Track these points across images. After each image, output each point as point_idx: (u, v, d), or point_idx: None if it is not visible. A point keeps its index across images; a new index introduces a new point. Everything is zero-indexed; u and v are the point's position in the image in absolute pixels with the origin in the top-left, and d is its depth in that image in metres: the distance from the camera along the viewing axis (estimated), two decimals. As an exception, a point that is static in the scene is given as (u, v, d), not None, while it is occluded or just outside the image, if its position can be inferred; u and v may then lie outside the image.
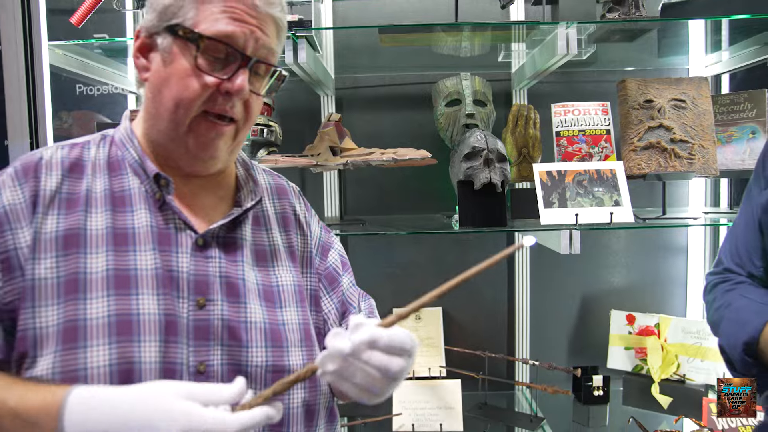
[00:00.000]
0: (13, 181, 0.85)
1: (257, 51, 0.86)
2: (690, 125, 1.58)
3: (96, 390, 0.72)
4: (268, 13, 0.86)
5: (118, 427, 0.69)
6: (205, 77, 0.83)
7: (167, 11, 0.85)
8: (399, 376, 0.79)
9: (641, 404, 1.89)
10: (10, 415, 0.72)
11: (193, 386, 0.72)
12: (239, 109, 0.87)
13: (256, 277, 0.92)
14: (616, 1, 1.50)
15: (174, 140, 0.86)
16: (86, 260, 0.82)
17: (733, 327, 1.04)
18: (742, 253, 1.10)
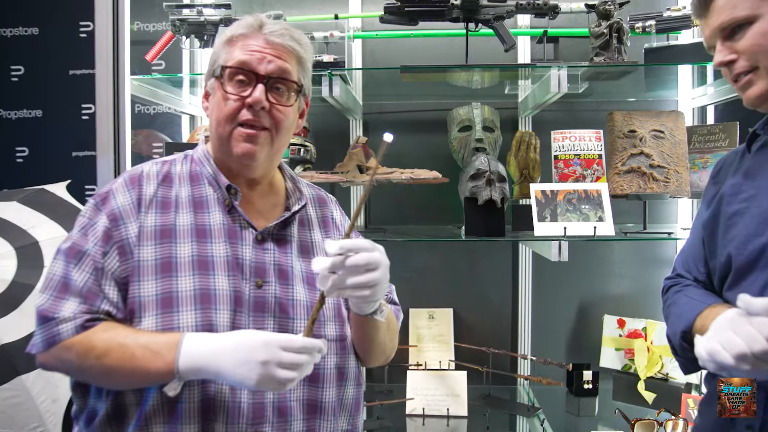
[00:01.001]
0: (124, 188, 1.15)
1: (270, 71, 1.12)
2: (667, 153, 1.83)
3: (201, 333, 1.02)
4: (278, 43, 1.13)
5: (219, 348, 0.98)
6: (232, 97, 1.11)
7: (212, 65, 1.16)
8: (378, 268, 1.01)
9: (628, 399, 2.10)
10: (141, 348, 1.00)
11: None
12: (266, 118, 1.13)
13: (301, 266, 1.19)
14: (602, 47, 1.76)
15: (225, 151, 1.14)
16: (176, 248, 1.11)
17: (675, 319, 1.23)
18: (689, 262, 1.28)
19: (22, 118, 2.77)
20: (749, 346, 0.91)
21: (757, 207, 1.10)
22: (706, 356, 0.97)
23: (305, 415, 1.12)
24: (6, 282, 1.88)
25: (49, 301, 1.06)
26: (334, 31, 1.98)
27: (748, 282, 1.09)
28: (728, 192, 1.18)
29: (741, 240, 1.11)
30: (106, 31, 1.78)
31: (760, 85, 1.07)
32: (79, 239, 1.09)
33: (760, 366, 0.91)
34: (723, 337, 0.94)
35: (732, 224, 1.15)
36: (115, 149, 1.69)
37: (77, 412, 1.13)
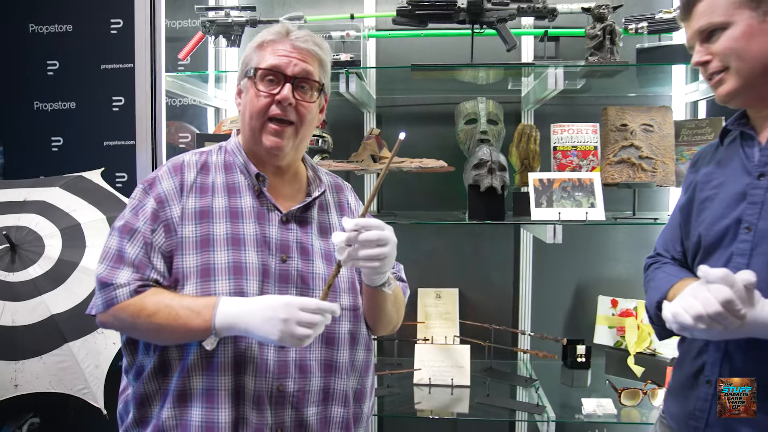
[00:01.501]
0: (168, 175, 1.33)
1: (296, 72, 1.29)
2: (655, 145, 1.99)
3: (233, 297, 1.20)
4: (303, 47, 1.31)
5: (249, 309, 1.16)
6: (263, 94, 1.29)
7: (245, 67, 1.34)
8: (388, 244, 1.19)
9: (619, 373, 2.26)
10: (184, 308, 1.19)
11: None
12: (293, 113, 1.30)
13: (320, 244, 1.37)
14: (596, 47, 1.91)
15: (256, 142, 1.31)
16: (213, 227, 1.29)
17: (652, 292, 1.36)
18: (668, 242, 1.44)
19: (57, 110, 2.92)
20: (705, 308, 1.06)
21: (725, 193, 1.26)
22: (671, 318, 1.13)
23: (322, 373, 1.30)
24: (53, 260, 2.08)
25: (107, 270, 1.25)
26: (351, 31, 2.14)
27: (714, 258, 1.25)
28: (701, 180, 1.34)
29: (709, 222, 1.27)
30: (144, 30, 1.94)
31: (730, 84, 1.21)
32: (131, 218, 1.28)
33: (714, 326, 1.07)
34: (685, 302, 1.11)
35: (703, 208, 1.30)
36: (152, 140, 1.88)
37: (127, 367, 1.31)
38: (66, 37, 2.89)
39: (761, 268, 1.15)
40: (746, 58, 1.18)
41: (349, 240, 1.18)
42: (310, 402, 1.28)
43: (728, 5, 1.18)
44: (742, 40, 1.18)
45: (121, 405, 1.34)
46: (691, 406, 1.27)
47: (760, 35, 1.17)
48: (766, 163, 1.21)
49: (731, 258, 1.21)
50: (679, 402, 1.32)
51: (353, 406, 1.35)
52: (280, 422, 1.25)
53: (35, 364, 1.98)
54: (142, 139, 1.89)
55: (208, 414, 1.21)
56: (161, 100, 1.92)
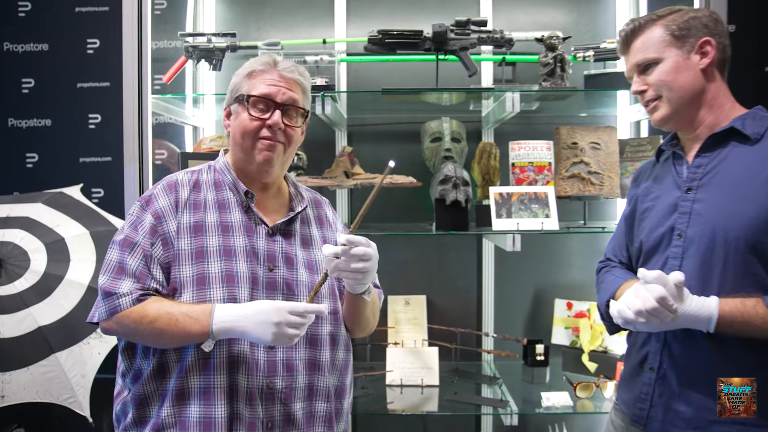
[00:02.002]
0: (164, 193, 1.45)
1: (284, 100, 1.45)
2: (602, 161, 2.21)
3: (228, 304, 1.33)
4: (290, 77, 1.46)
5: (243, 314, 1.29)
6: (255, 119, 1.42)
7: (234, 91, 1.47)
8: (370, 260, 1.35)
9: (575, 369, 2.46)
10: (183, 315, 1.31)
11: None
12: (281, 135, 1.44)
13: (303, 254, 1.51)
14: (549, 74, 2.12)
15: (247, 159, 1.45)
16: (206, 240, 1.41)
17: (602, 292, 1.53)
18: (615, 248, 1.62)
19: (32, 127, 2.97)
20: (643, 304, 1.25)
21: (660, 205, 1.46)
22: (616, 314, 1.32)
23: (307, 371, 1.43)
24: (39, 273, 2.16)
25: (109, 280, 1.36)
26: (324, 56, 2.30)
27: (653, 261, 1.44)
28: (642, 193, 1.54)
29: (648, 230, 1.47)
30: (132, 52, 2.05)
31: (663, 110, 1.42)
32: (130, 233, 1.40)
33: (652, 319, 1.26)
34: (627, 300, 1.29)
35: (643, 218, 1.50)
36: (139, 159, 1.99)
37: (125, 371, 1.42)
38: (42, 55, 2.95)
39: (691, 269, 1.34)
40: (675, 88, 1.38)
41: (337, 253, 1.33)
42: (296, 398, 1.41)
43: (659, 44, 1.39)
44: (671, 73, 1.38)
45: (118, 407, 1.44)
46: (638, 391, 1.44)
47: (686, 69, 1.38)
48: (692, 179, 1.40)
49: (667, 261, 1.40)
50: (628, 388, 1.50)
51: (335, 401, 1.49)
52: (270, 416, 1.38)
53: (22, 375, 2.05)
54: (129, 159, 2.00)
55: (205, 410, 1.33)
56: (148, 119, 2.03)
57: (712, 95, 1.40)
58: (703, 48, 1.38)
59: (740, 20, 2.54)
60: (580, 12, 2.69)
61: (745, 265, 1.30)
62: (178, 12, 2.69)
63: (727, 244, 1.31)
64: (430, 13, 2.66)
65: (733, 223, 1.31)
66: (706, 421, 1.32)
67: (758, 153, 1.34)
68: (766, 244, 1.28)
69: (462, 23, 2.12)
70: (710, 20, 1.40)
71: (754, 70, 2.68)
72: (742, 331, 1.27)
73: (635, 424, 1.45)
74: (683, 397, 1.36)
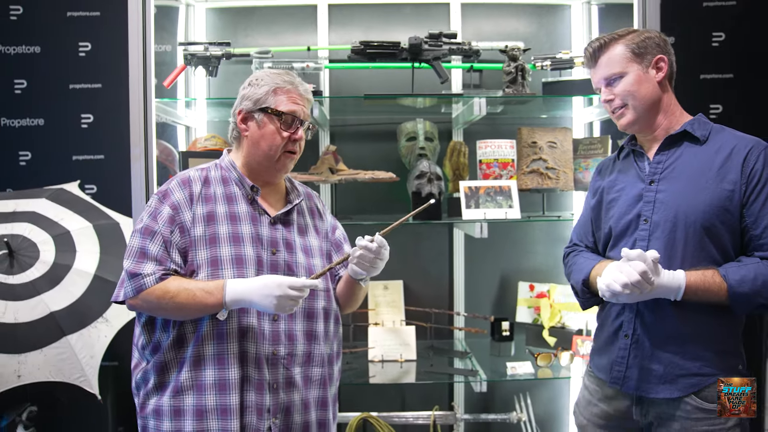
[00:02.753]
0: (179, 187, 1.67)
1: (305, 117, 1.70)
2: (558, 158, 2.50)
3: (237, 279, 1.56)
4: (306, 98, 1.72)
5: (251, 287, 1.52)
6: (284, 133, 1.67)
7: (259, 101, 1.67)
8: (385, 259, 1.66)
9: (537, 344, 2.74)
10: (199, 290, 1.53)
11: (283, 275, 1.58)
12: (298, 148, 1.71)
13: (300, 240, 1.74)
14: (511, 81, 2.40)
15: (268, 167, 1.68)
16: (218, 228, 1.63)
17: (576, 273, 1.73)
18: (581, 234, 1.83)
19: (25, 126, 3.08)
20: (629, 278, 1.44)
21: (626, 195, 1.68)
22: (604, 288, 1.50)
23: (305, 340, 1.67)
24: (48, 263, 2.35)
25: (133, 264, 1.58)
26: (310, 62, 2.53)
27: (622, 243, 1.65)
28: (607, 186, 1.75)
29: (617, 216, 1.68)
30: (138, 57, 2.21)
31: (628, 117, 1.66)
32: (150, 222, 1.61)
33: (635, 291, 1.46)
34: (614, 275, 1.49)
35: (610, 207, 1.71)
36: (144, 156, 2.20)
37: (144, 344, 1.63)
38: (34, 57, 3.06)
39: (658, 248, 1.55)
40: (638, 98, 1.63)
41: (366, 247, 1.62)
42: (296, 363, 1.65)
43: (622, 60, 1.63)
44: (635, 85, 1.62)
45: (138, 376, 1.65)
46: (614, 356, 1.66)
47: (645, 82, 1.62)
48: (654, 173, 1.63)
49: (635, 243, 1.62)
50: (604, 355, 1.71)
51: (327, 367, 1.73)
52: (274, 379, 1.62)
53: (37, 357, 2.24)
54: (136, 157, 2.20)
55: (220, 374, 1.56)
56: (152, 119, 2.23)
57: (666, 103, 1.65)
58: (658, 64, 1.62)
59: (675, 32, 2.86)
60: (540, 24, 2.97)
61: (701, 244, 1.55)
62: (170, 19, 2.87)
63: (687, 227, 1.55)
64: (405, 22, 2.92)
65: (692, 209, 1.55)
66: (673, 376, 1.57)
67: (707, 151, 1.59)
68: (717, 226, 1.53)
69: (435, 36, 2.39)
70: (661, 40, 1.65)
71: (689, 77, 3.01)
72: (703, 297, 1.51)
73: (613, 385, 1.66)
74: (655, 358, 1.59)
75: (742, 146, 1.56)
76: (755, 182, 1.52)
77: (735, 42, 3.03)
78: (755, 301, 1.50)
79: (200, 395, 1.56)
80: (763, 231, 1.52)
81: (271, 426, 1.60)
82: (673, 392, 1.57)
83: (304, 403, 1.66)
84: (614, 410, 1.69)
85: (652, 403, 1.62)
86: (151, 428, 1.61)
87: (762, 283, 1.48)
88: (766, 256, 1.51)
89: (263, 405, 1.59)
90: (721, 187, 1.54)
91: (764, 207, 1.52)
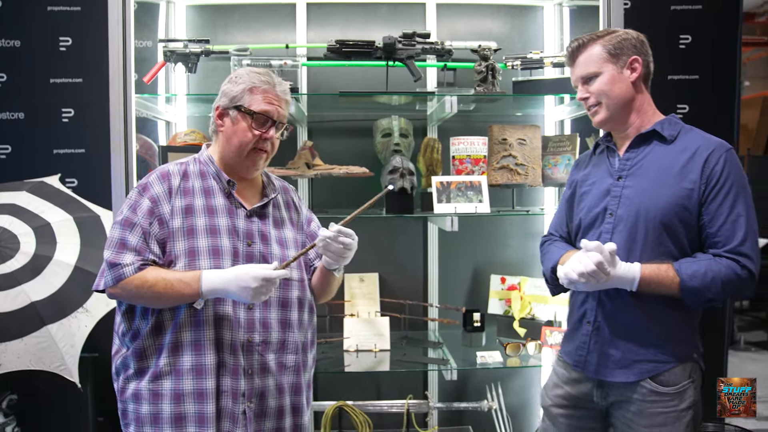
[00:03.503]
0: (158, 181, 1.73)
1: (279, 118, 1.77)
2: (527, 155, 2.59)
3: (212, 270, 1.63)
4: (283, 98, 1.78)
5: (224, 278, 1.58)
6: (254, 132, 1.73)
7: (235, 98, 1.73)
8: (352, 248, 1.71)
9: (508, 335, 2.82)
10: (177, 280, 1.59)
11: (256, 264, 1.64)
12: (269, 146, 1.76)
13: (275, 233, 1.80)
14: (482, 80, 2.49)
15: (239, 162, 1.74)
16: (195, 220, 1.70)
17: (547, 261, 1.80)
18: (557, 225, 1.89)
19: (5, 120, 3.09)
20: (585, 268, 1.53)
21: (596, 189, 1.77)
22: (563, 276, 1.61)
23: (280, 328, 1.74)
24: (29, 254, 2.39)
25: (113, 254, 1.64)
26: (288, 60, 2.59)
27: (590, 235, 1.73)
28: (581, 179, 1.83)
29: (586, 209, 1.76)
30: (118, 53, 2.25)
31: (602, 114, 1.73)
32: (129, 215, 1.67)
33: (590, 280, 1.55)
34: (572, 264, 1.58)
35: (582, 199, 1.79)
36: (124, 150, 2.25)
37: (125, 331, 1.69)
38: (14, 51, 3.07)
39: (619, 241, 1.64)
40: (612, 97, 1.70)
41: (330, 237, 1.68)
42: (270, 350, 1.72)
43: (599, 60, 1.70)
44: (608, 84, 1.68)
45: (118, 362, 1.71)
46: (578, 341, 1.75)
47: (619, 82, 1.69)
48: (622, 169, 1.71)
49: (600, 235, 1.70)
50: (570, 341, 1.80)
51: (302, 354, 1.80)
52: (249, 365, 1.69)
53: (17, 345, 2.28)
54: (116, 150, 2.24)
55: (197, 359, 1.63)
56: (132, 114, 2.28)
57: (639, 103, 1.71)
58: (633, 65, 1.68)
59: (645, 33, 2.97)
60: (513, 24, 3.06)
61: (659, 239, 1.62)
62: (151, 15, 2.91)
63: (647, 222, 1.62)
64: (382, 20, 2.99)
65: (652, 205, 1.62)
66: (630, 361, 1.66)
67: (672, 151, 1.66)
68: (675, 223, 1.61)
69: (408, 35, 2.46)
70: (638, 41, 1.70)
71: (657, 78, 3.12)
72: (656, 290, 1.59)
73: (576, 369, 1.76)
74: (613, 344, 1.68)
75: (705, 147, 1.63)
76: (714, 183, 1.60)
77: (701, 44, 3.14)
78: (704, 296, 1.58)
79: (178, 380, 1.63)
80: (718, 230, 1.60)
81: (246, 409, 1.67)
82: (629, 376, 1.66)
83: (278, 388, 1.73)
84: (577, 392, 1.78)
85: (611, 386, 1.71)
86: (130, 411, 1.67)
87: (711, 279, 1.56)
88: (719, 254, 1.60)
89: (238, 389, 1.66)
90: (682, 185, 1.62)
91: (721, 207, 1.59)
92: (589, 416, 1.79)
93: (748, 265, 1.57)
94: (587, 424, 1.80)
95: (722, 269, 1.57)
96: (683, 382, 1.65)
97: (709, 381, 1.74)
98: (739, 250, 1.57)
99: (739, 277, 1.57)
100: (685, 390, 1.64)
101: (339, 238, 1.68)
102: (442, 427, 3.00)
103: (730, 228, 1.58)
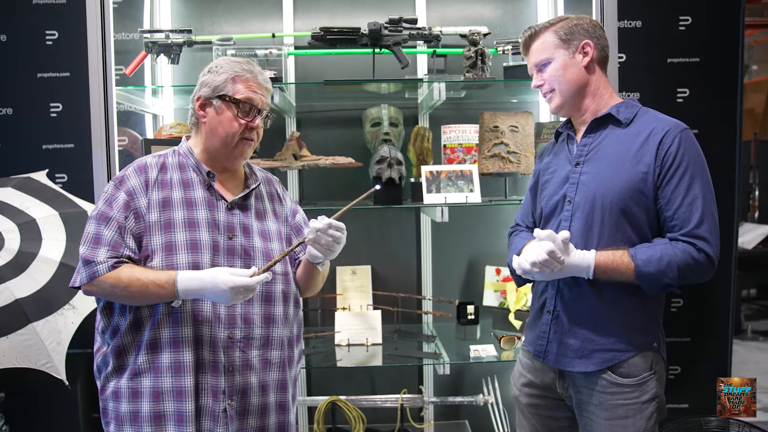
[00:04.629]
0: (135, 174, 1.68)
1: (262, 106, 1.72)
2: (519, 142, 2.53)
3: (189, 272, 1.58)
4: (265, 86, 1.73)
5: (200, 282, 1.53)
6: (240, 121, 1.68)
7: (217, 88, 1.68)
8: (341, 242, 1.66)
9: (503, 327, 2.77)
10: (151, 283, 1.55)
11: (233, 269, 1.59)
12: (255, 135, 1.72)
13: (257, 225, 1.76)
14: (471, 66, 2.42)
15: (225, 153, 1.69)
16: (173, 214, 1.65)
17: (510, 252, 1.80)
18: (523, 215, 1.89)
19: None
20: (537, 257, 1.53)
21: (557, 177, 1.76)
22: (516, 265, 1.61)
23: (263, 324, 1.70)
24: (13, 251, 2.36)
25: (88, 250, 1.60)
26: (273, 49, 2.54)
27: (551, 224, 1.72)
28: (543, 168, 1.84)
29: (547, 198, 1.76)
30: (97, 45, 2.22)
31: (556, 100, 1.73)
32: (105, 209, 1.63)
33: (544, 269, 1.54)
34: (525, 254, 1.59)
35: (543, 188, 1.80)
36: (106, 144, 2.21)
37: (104, 328, 1.66)
38: (0, 46, 3.01)
39: (577, 228, 1.65)
40: (564, 82, 1.69)
41: (319, 229, 1.64)
42: (253, 347, 1.67)
43: (551, 46, 1.70)
44: (560, 70, 1.68)
45: (99, 359, 1.68)
46: (538, 330, 1.74)
47: (571, 67, 1.68)
48: (580, 155, 1.70)
49: (560, 223, 1.69)
50: (532, 330, 1.79)
51: (287, 350, 1.76)
52: (230, 362, 1.65)
53: (2, 343, 2.25)
54: (97, 144, 2.21)
55: (175, 356, 1.59)
56: (112, 107, 2.24)
57: (594, 87, 1.70)
58: (584, 48, 1.67)
59: (643, 16, 2.90)
60: (505, 9, 2.99)
61: (617, 225, 1.60)
62: (135, 6, 2.87)
63: (603, 208, 1.61)
64: (371, 7, 2.92)
65: (609, 190, 1.60)
66: (588, 350, 1.64)
67: (627, 134, 1.65)
68: (632, 207, 1.60)
69: (395, 21, 2.40)
70: (590, 26, 1.70)
71: (657, 61, 3.05)
72: (612, 276, 1.57)
73: (537, 358, 1.75)
74: (572, 333, 1.66)
75: (660, 129, 1.60)
76: (668, 165, 1.57)
77: (701, 26, 3.06)
78: (661, 281, 1.55)
79: (157, 377, 1.59)
80: (674, 213, 1.57)
81: (227, 407, 1.63)
82: (589, 366, 1.64)
83: (262, 386, 1.69)
84: (540, 382, 1.77)
85: (571, 377, 1.69)
86: (110, 410, 1.64)
87: (667, 263, 1.53)
88: (675, 237, 1.56)
89: (218, 387, 1.62)
90: (637, 169, 1.59)
91: (676, 190, 1.56)
92: (554, 406, 1.78)
93: (705, 248, 1.54)
94: (554, 414, 1.78)
95: (678, 253, 1.54)
96: (644, 374, 1.62)
97: (710, 379, 1.69)
98: (695, 233, 1.54)
99: (695, 261, 1.54)
100: (646, 381, 1.62)
101: (329, 230, 1.64)
102: (438, 421, 2.96)
103: (686, 211, 1.55)
